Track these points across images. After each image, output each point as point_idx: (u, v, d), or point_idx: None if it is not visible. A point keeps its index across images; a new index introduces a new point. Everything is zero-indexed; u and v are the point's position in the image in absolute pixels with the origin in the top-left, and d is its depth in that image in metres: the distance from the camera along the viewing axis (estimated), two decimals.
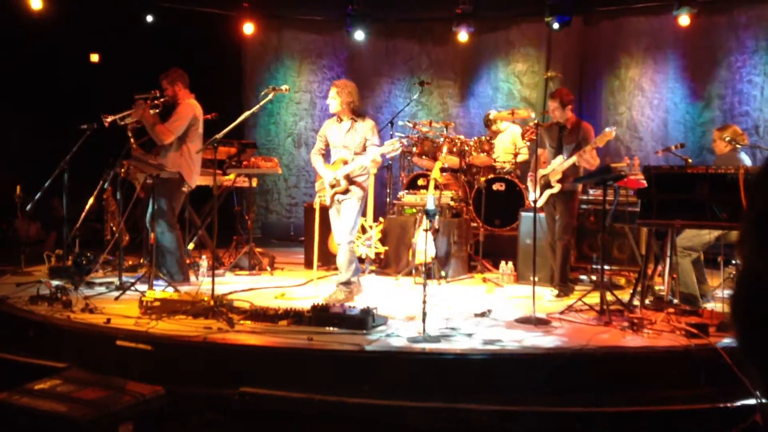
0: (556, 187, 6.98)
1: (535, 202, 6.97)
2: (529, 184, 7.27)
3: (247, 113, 6.58)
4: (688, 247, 6.34)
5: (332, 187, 6.61)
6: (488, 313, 5.98)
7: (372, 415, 4.52)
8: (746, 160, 6.59)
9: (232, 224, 9.04)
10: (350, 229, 6.60)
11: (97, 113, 7.08)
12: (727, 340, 5.03)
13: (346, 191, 6.57)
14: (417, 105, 11.85)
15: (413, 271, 7.84)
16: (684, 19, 9.90)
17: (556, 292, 6.99)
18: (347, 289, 6.58)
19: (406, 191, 9.08)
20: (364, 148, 6.58)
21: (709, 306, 6.33)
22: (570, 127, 7.04)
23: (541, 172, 7.10)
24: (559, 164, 6.97)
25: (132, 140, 7.24)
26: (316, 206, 7.26)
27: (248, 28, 11.46)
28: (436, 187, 8.14)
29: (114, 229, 7.72)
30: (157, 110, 7.24)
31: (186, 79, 7.35)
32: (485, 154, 9.30)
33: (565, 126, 7.06)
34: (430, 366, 4.83)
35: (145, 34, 10.51)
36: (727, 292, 6.57)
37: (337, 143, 6.67)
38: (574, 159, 6.85)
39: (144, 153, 7.28)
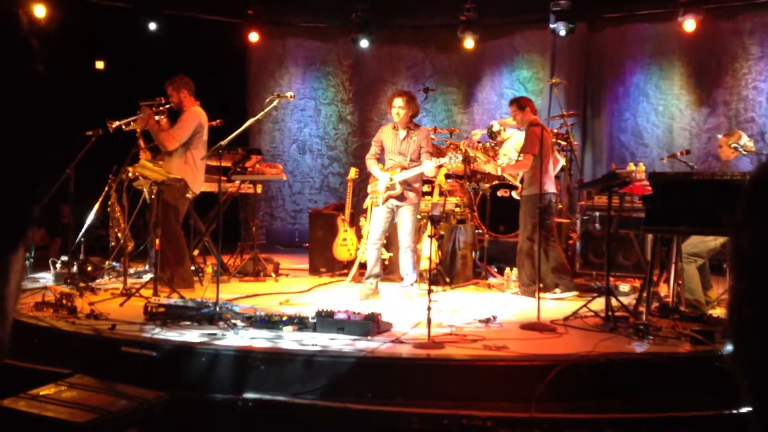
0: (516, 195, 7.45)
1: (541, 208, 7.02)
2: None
3: (251, 120, 6.60)
4: (694, 254, 6.33)
5: (387, 190, 6.98)
6: (493, 319, 5.97)
7: (376, 422, 4.51)
8: (751, 167, 6.59)
9: (237, 230, 9.05)
10: (411, 234, 7.05)
11: (103, 120, 7.11)
12: (728, 341, 5.01)
13: (401, 197, 6.98)
14: (421, 111, 11.81)
15: (418, 278, 7.83)
16: (689, 24, 9.90)
17: (557, 294, 7.09)
18: (413, 288, 7.12)
19: None
20: (419, 156, 7.00)
21: (715, 312, 6.30)
22: None
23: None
24: None
25: (142, 143, 7.26)
26: (367, 206, 7.67)
27: (253, 36, 11.49)
28: (441, 193, 8.14)
29: (119, 235, 7.74)
30: (162, 117, 7.26)
31: (191, 87, 7.37)
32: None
33: None
34: (434, 372, 4.82)
35: (150, 41, 10.54)
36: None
37: (393, 150, 7.08)
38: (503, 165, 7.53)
39: (151, 158, 7.31)
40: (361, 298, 7.12)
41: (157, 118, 7.18)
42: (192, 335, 5.29)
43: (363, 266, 7.95)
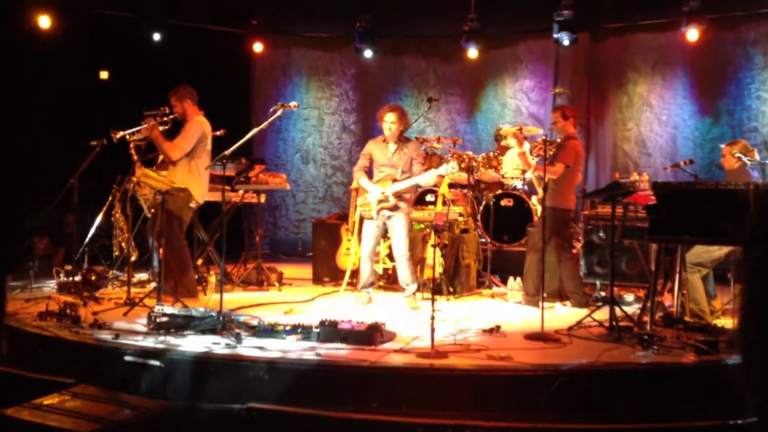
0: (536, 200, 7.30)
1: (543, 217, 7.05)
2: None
3: (255, 130, 6.61)
4: (698, 263, 6.32)
5: (380, 202, 7.05)
6: (497, 329, 5.96)
7: None
8: (755, 176, 6.57)
9: (241, 240, 9.06)
10: (406, 242, 7.13)
11: (107, 130, 7.12)
12: (736, 357, 5.00)
13: (394, 207, 7.07)
14: (425, 121, 11.87)
15: (421, 287, 7.83)
16: (692, 34, 9.91)
17: (567, 306, 7.11)
18: (416, 297, 7.26)
19: (414, 207, 9.08)
20: (410, 167, 7.12)
21: (719, 322, 6.29)
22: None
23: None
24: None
25: (135, 157, 7.27)
26: (356, 219, 7.63)
27: (257, 46, 11.51)
28: (444, 202, 8.14)
29: (123, 244, 7.74)
30: (166, 127, 7.27)
31: (195, 96, 7.39)
32: (493, 170, 9.30)
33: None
34: (438, 382, 4.81)
35: (154, 51, 10.57)
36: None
37: (384, 162, 7.18)
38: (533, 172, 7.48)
39: (152, 170, 7.31)
40: (363, 304, 7.26)
41: (161, 128, 7.19)
42: (195, 345, 5.29)
43: (355, 274, 8.01)
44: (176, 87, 7.38)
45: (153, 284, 7.41)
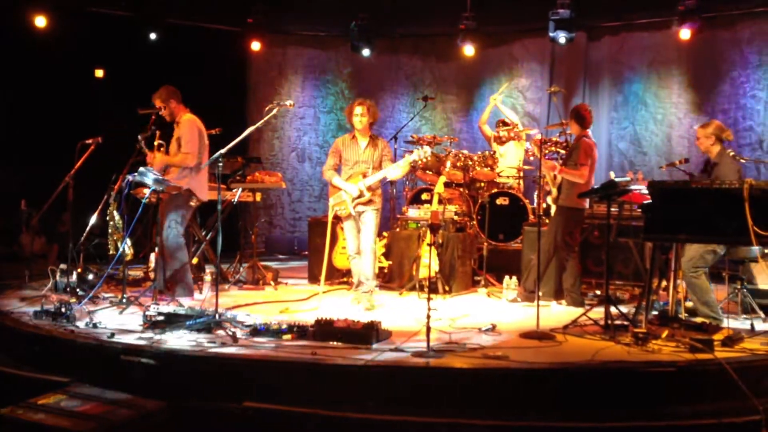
0: (550, 200, 7.37)
1: (539, 215, 7.08)
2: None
3: (251, 128, 6.60)
4: (698, 266, 6.27)
5: (355, 199, 7.04)
6: (492, 327, 5.97)
7: (375, 430, 4.51)
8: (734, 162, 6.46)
9: (236, 239, 9.05)
10: (374, 235, 7.12)
11: (101, 128, 7.09)
12: (731, 355, 5.03)
13: (368, 201, 7.06)
14: (421, 120, 11.89)
15: (417, 286, 7.83)
16: (687, 33, 9.93)
17: (563, 305, 7.16)
18: (373, 296, 7.17)
19: (410, 206, 9.10)
20: (380, 164, 7.10)
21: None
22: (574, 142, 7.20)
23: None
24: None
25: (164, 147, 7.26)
26: (330, 219, 7.41)
27: (253, 44, 11.50)
28: (440, 201, 8.15)
29: (118, 243, 7.73)
30: (156, 132, 7.19)
31: (179, 95, 7.25)
32: (489, 168, 9.31)
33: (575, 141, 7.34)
34: (433, 381, 4.82)
35: (150, 50, 10.56)
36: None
37: (355, 159, 7.17)
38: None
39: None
40: (358, 303, 7.21)
41: (156, 142, 7.15)
42: (191, 343, 5.28)
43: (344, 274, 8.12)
44: (158, 89, 7.25)
45: (149, 283, 7.40)
